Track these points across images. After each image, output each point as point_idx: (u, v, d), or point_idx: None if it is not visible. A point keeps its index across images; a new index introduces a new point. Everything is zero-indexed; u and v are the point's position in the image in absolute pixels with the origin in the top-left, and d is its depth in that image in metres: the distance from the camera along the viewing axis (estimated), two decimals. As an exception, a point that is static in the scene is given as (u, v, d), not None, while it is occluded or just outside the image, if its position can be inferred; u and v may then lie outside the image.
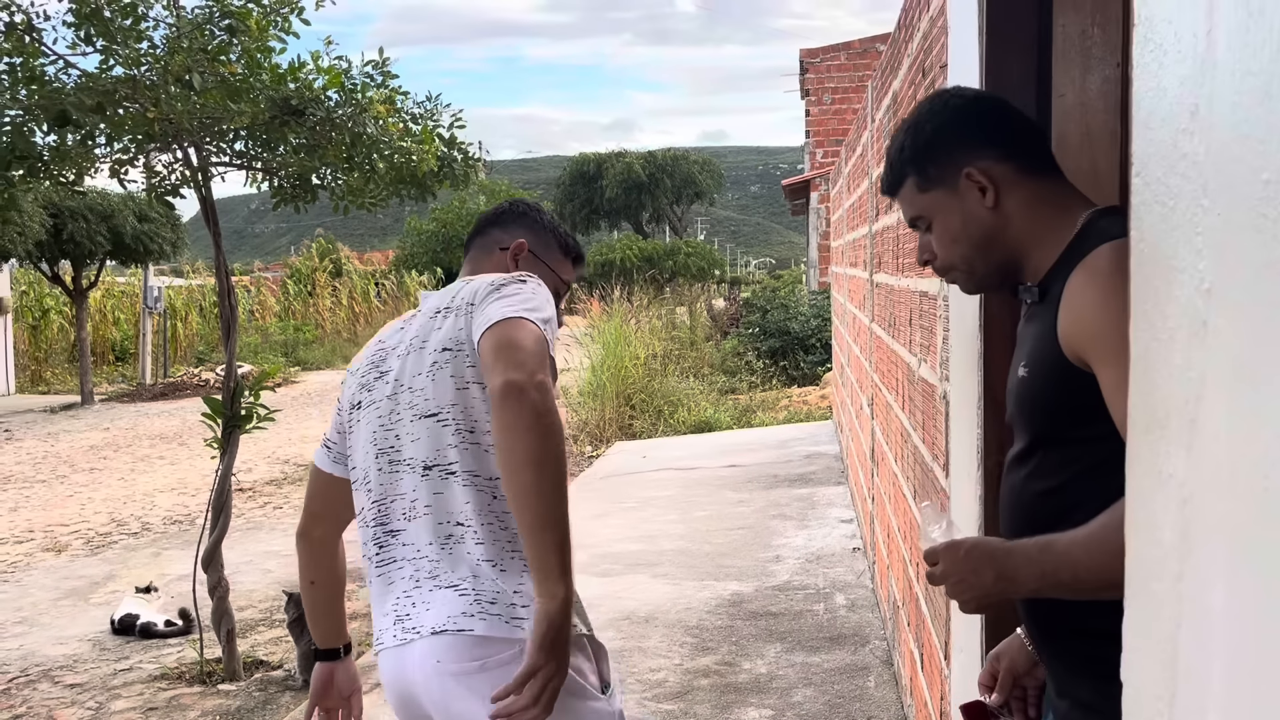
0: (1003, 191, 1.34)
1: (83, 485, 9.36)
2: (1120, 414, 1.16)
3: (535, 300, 1.64)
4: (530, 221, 1.98)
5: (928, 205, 1.40)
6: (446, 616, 1.57)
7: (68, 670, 4.66)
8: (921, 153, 1.39)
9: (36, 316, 21.17)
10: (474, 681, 1.54)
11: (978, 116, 1.39)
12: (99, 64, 3.84)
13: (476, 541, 1.60)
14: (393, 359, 1.76)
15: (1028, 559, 1.22)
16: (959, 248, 1.38)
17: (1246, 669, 0.64)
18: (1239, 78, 0.64)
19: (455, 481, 1.62)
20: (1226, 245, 0.66)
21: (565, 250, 2.01)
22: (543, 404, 1.48)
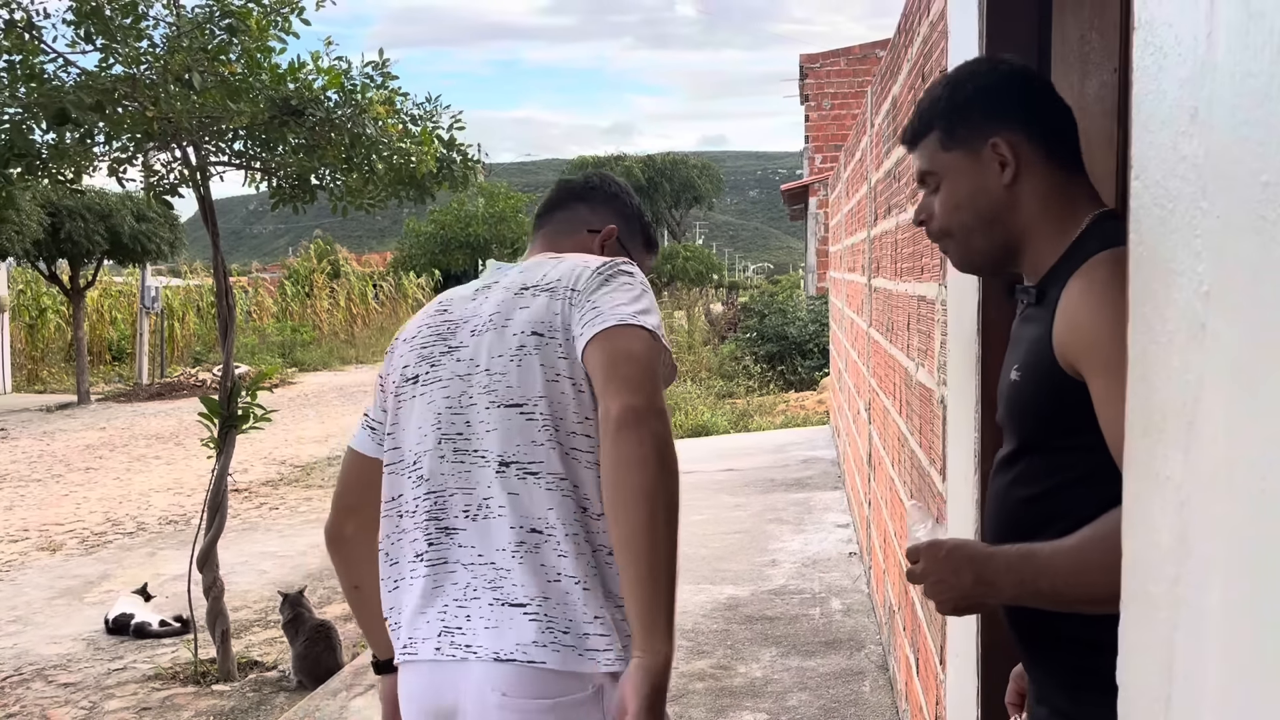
0: (1023, 172, 1.29)
1: (78, 485, 9.35)
2: (1109, 426, 1.15)
3: (646, 299, 1.50)
4: (621, 205, 1.83)
5: (944, 164, 1.34)
6: (515, 643, 1.39)
7: (61, 669, 4.65)
8: (955, 110, 1.33)
9: (33, 315, 21.15)
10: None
11: (1022, 89, 1.33)
12: (98, 62, 3.85)
13: (559, 554, 1.41)
14: (464, 332, 1.55)
15: (1008, 566, 1.21)
16: (961, 215, 1.34)
17: (1243, 673, 0.64)
18: (1239, 80, 0.64)
19: (537, 484, 1.43)
20: (1226, 248, 0.66)
21: (649, 243, 1.88)
22: (664, 436, 1.35)
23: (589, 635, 1.39)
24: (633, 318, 1.43)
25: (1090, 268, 1.19)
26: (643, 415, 1.34)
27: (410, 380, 1.58)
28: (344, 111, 4.18)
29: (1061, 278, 1.23)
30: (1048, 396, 1.24)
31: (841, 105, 15.80)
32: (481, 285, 1.64)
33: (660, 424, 1.35)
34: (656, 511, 1.32)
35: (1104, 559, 1.13)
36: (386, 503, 1.57)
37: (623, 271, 1.53)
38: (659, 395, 1.38)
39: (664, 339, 1.47)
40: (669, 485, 1.34)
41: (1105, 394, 1.15)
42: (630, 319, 1.43)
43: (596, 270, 1.52)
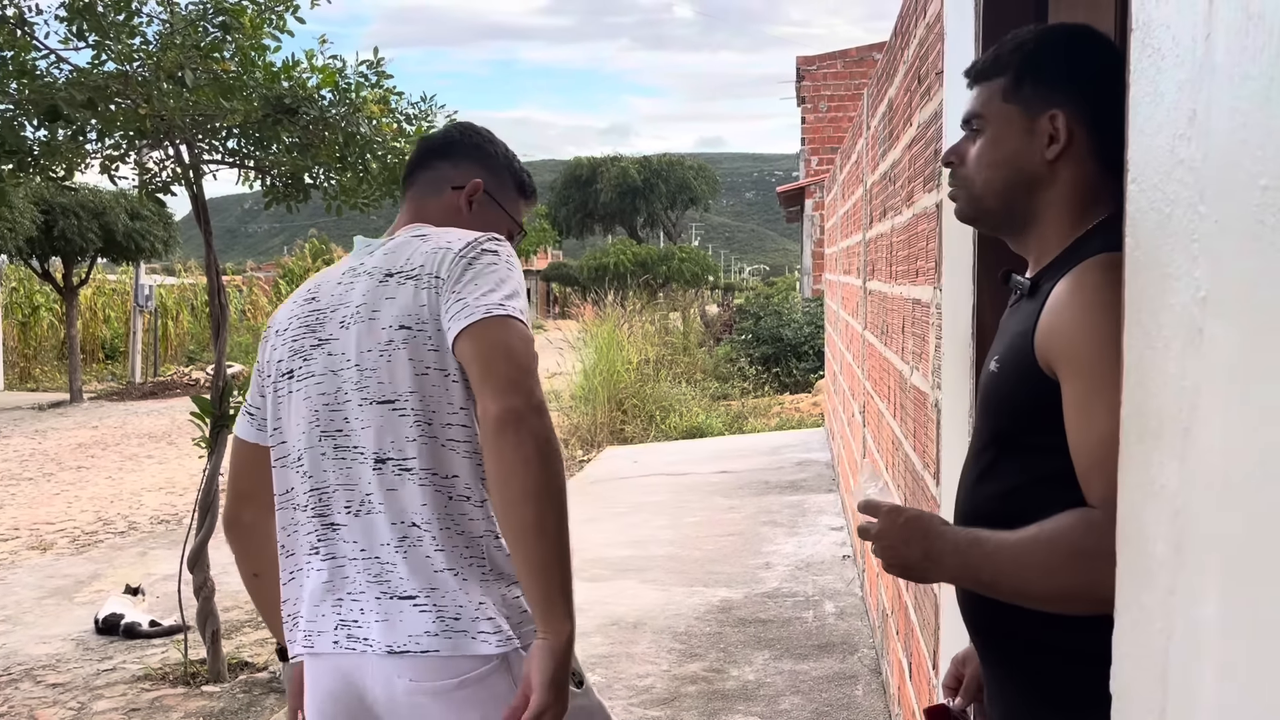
0: (1068, 154, 1.25)
1: (70, 483, 9.31)
2: (1076, 431, 1.15)
3: (513, 280, 1.50)
4: (484, 155, 1.76)
5: (997, 114, 1.29)
6: (407, 635, 1.45)
7: (50, 670, 4.62)
8: (1033, 65, 1.27)
9: (26, 313, 21.09)
10: (454, 699, 1.45)
11: (1102, 72, 1.24)
12: (91, 59, 3.82)
13: (436, 548, 1.46)
14: (332, 324, 1.57)
15: (955, 548, 1.22)
16: (991, 172, 1.29)
17: (1239, 684, 0.63)
18: (1238, 82, 0.63)
19: (411, 479, 1.47)
20: (1223, 252, 0.65)
21: (520, 188, 1.80)
22: (543, 432, 1.37)
23: (478, 620, 1.44)
24: (499, 307, 1.43)
25: (1083, 269, 1.17)
26: (522, 415, 1.36)
27: (286, 375, 1.60)
28: (338, 110, 4.16)
29: (1057, 273, 1.21)
30: (1023, 392, 1.23)
31: (838, 107, 15.82)
32: (349, 268, 1.63)
33: (539, 420, 1.38)
34: (544, 509, 1.36)
35: (1044, 560, 1.13)
36: (279, 495, 1.61)
37: (485, 251, 1.52)
38: (536, 389, 1.40)
39: (528, 324, 1.47)
40: (552, 481, 1.37)
41: (1075, 399, 1.14)
42: (496, 309, 1.43)
43: (459, 254, 1.51)
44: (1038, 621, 1.19)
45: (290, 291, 31.26)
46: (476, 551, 1.47)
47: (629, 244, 35.71)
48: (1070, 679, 1.20)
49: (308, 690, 1.58)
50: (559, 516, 1.37)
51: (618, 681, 3.95)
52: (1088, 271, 1.17)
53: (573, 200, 46.10)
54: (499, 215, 1.75)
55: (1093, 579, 1.06)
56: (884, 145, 3.78)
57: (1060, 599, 1.14)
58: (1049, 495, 1.16)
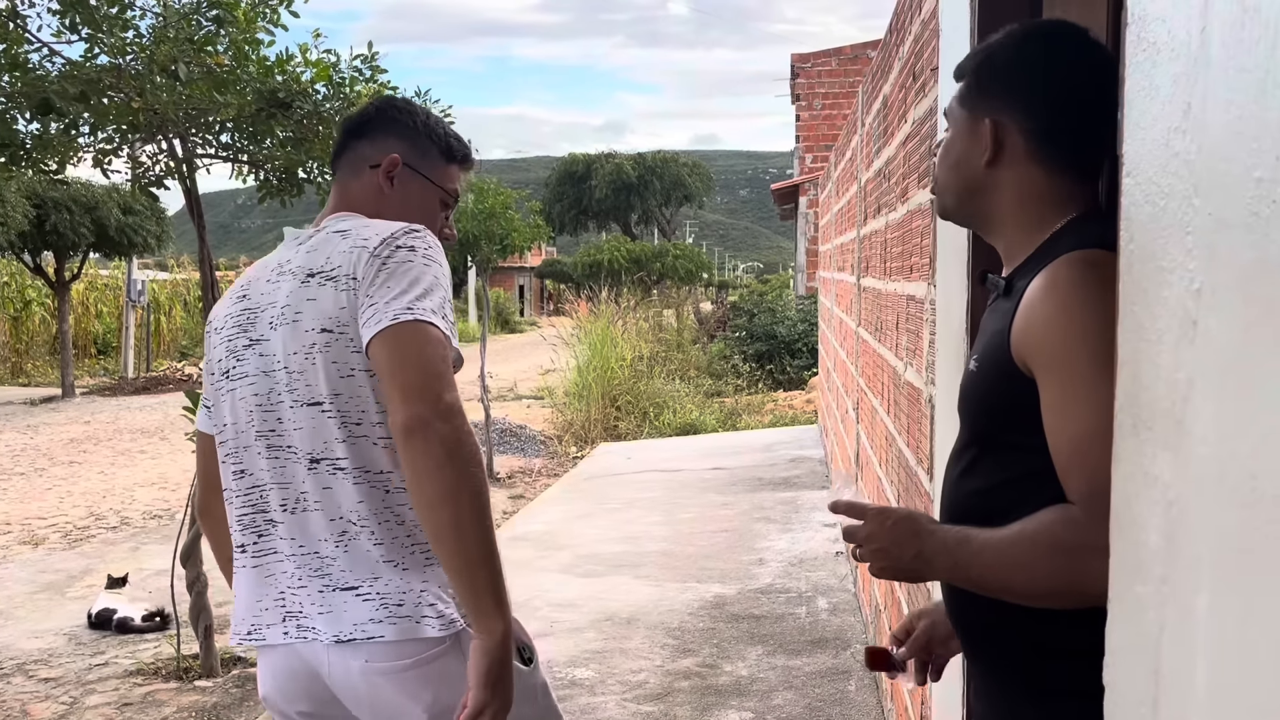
0: (1003, 160, 1.27)
1: (61, 478, 9.28)
2: (1053, 429, 1.15)
3: (427, 278, 1.49)
4: (401, 127, 1.71)
5: (954, 116, 1.34)
6: (352, 624, 1.49)
7: (42, 664, 4.61)
8: (980, 72, 1.31)
9: (18, 308, 20.99)
10: (407, 679, 1.49)
11: (1051, 76, 1.26)
12: (84, 52, 3.81)
13: (375, 541, 1.50)
14: (262, 324, 1.58)
15: (945, 547, 1.22)
16: (947, 173, 1.34)
17: (1232, 675, 0.63)
18: (1233, 75, 0.63)
19: (345, 478, 1.50)
20: (1218, 244, 0.65)
21: (447, 154, 1.74)
22: (452, 435, 1.38)
23: (420, 605, 1.48)
24: (407, 311, 1.43)
25: (1056, 267, 1.17)
26: (426, 421, 1.38)
27: (224, 375, 1.63)
28: (332, 105, 4.16)
29: (1030, 272, 1.22)
30: (1001, 391, 1.23)
31: (832, 105, 15.82)
32: (277, 264, 1.64)
33: (445, 424, 1.38)
34: (459, 511, 1.38)
35: (1026, 557, 1.14)
36: (225, 490, 1.65)
37: (399, 249, 1.51)
38: (442, 394, 1.40)
39: (444, 323, 1.46)
40: (466, 482, 1.38)
41: (1052, 396, 1.15)
42: (404, 314, 1.43)
43: (373, 253, 1.51)
44: (1021, 617, 1.20)
45: (283, 287, 31.15)
46: (417, 539, 1.50)
47: (623, 241, 35.68)
48: (1054, 674, 1.20)
49: (264, 673, 1.63)
50: (476, 517, 1.39)
51: (611, 677, 3.95)
52: (1060, 269, 1.17)
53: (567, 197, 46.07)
54: (423, 186, 1.70)
55: (1073, 574, 1.07)
56: (879, 142, 3.79)
57: (1042, 594, 1.15)
58: (1029, 492, 1.17)
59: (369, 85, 4.27)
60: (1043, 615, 1.17)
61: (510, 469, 9.46)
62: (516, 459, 10.07)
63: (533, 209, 9.24)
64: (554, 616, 4.68)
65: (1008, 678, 1.28)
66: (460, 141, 1.78)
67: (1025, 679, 1.25)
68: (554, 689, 1.64)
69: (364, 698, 1.52)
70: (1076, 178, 1.27)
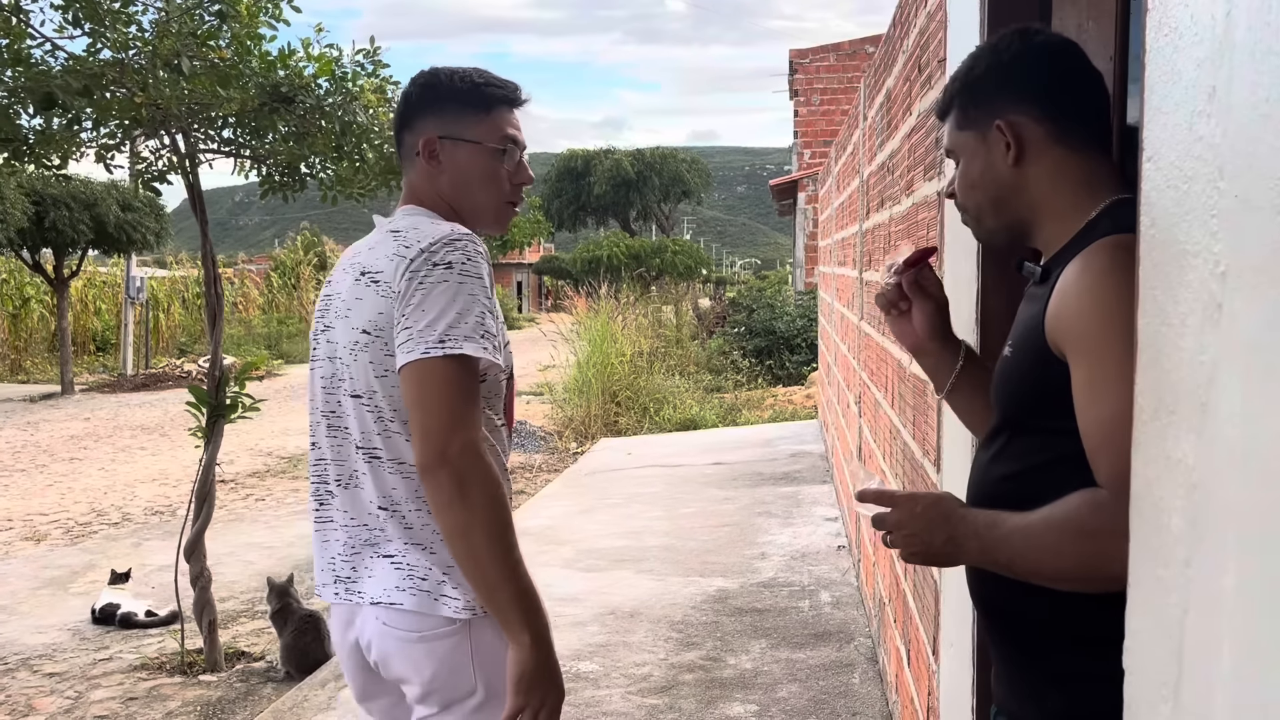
0: (1028, 154, 1.28)
1: (62, 475, 9.28)
2: (1084, 412, 1.16)
3: (463, 297, 1.51)
4: (428, 104, 1.69)
5: (959, 143, 1.36)
6: (383, 588, 1.60)
7: (47, 659, 4.61)
8: (968, 89, 1.34)
9: (17, 305, 20.96)
10: (412, 651, 1.58)
11: (1036, 66, 1.30)
12: (87, 47, 3.80)
13: (407, 525, 1.60)
14: (332, 313, 1.68)
15: (974, 531, 1.23)
16: (975, 195, 1.35)
17: (1258, 656, 0.64)
18: (1259, 58, 0.63)
19: (381, 466, 1.60)
20: (1244, 227, 0.66)
21: (481, 105, 1.67)
22: (459, 475, 1.46)
23: (443, 584, 1.58)
24: (438, 345, 1.48)
25: (1091, 251, 1.19)
26: (436, 466, 1.47)
27: (312, 351, 1.75)
28: (334, 99, 4.15)
29: (1067, 258, 1.23)
30: (1034, 376, 1.24)
31: (831, 101, 15.81)
32: (354, 252, 1.72)
33: (453, 467, 1.46)
34: (470, 544, 1.48)
35: (1054, 541, 1.15)
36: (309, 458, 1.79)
37: (437, 266, 1.52)
38: (452, 438, 1.47)
39: (479, 344, 1.50)
40: (476, 516, 1.47)
41: (1083, 379, 1.16)
42: (434, 348, 1.48)
43: (411, 268, 1.53)
44: (1045, 601, 1.20)
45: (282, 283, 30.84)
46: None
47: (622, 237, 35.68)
48: (1077, 658, 1.21)
49: (332, 627, 1.77)
50: (488, 545, 1.48)
51: (615, 670, 3.96)
52: (1095, 253, 1.18)
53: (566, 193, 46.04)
54: (470, 150, 1.67)
55: (1100, 558, 1.07)
56: (882, 135, 3.79)
57: (1071, 578, 1.15)
58: (1061, 477, 1.17)
59: (371, 80, 4.26)
60: (1067, 599, 1.18)
61: (511, 464, 9.45)
62: (517, 454, 10.07)
63: (532, 204, 9.23)
64: (557, 611, 4.69)
65: (1030, 661, 1.28)
66: (494, 85, 1.71)
67: (1048, 662, 1.25)
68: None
69: (377, 658, 1.63)
70: (1098, 152, 1.30)
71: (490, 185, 1.68)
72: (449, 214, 1.68)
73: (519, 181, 1.72)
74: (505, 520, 1.50)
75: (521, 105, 1.74)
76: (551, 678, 1.52)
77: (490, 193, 1.69)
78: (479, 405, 1.52)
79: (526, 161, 1.75)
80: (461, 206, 1.69)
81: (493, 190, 1.69)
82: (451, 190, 1.68)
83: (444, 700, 1.59)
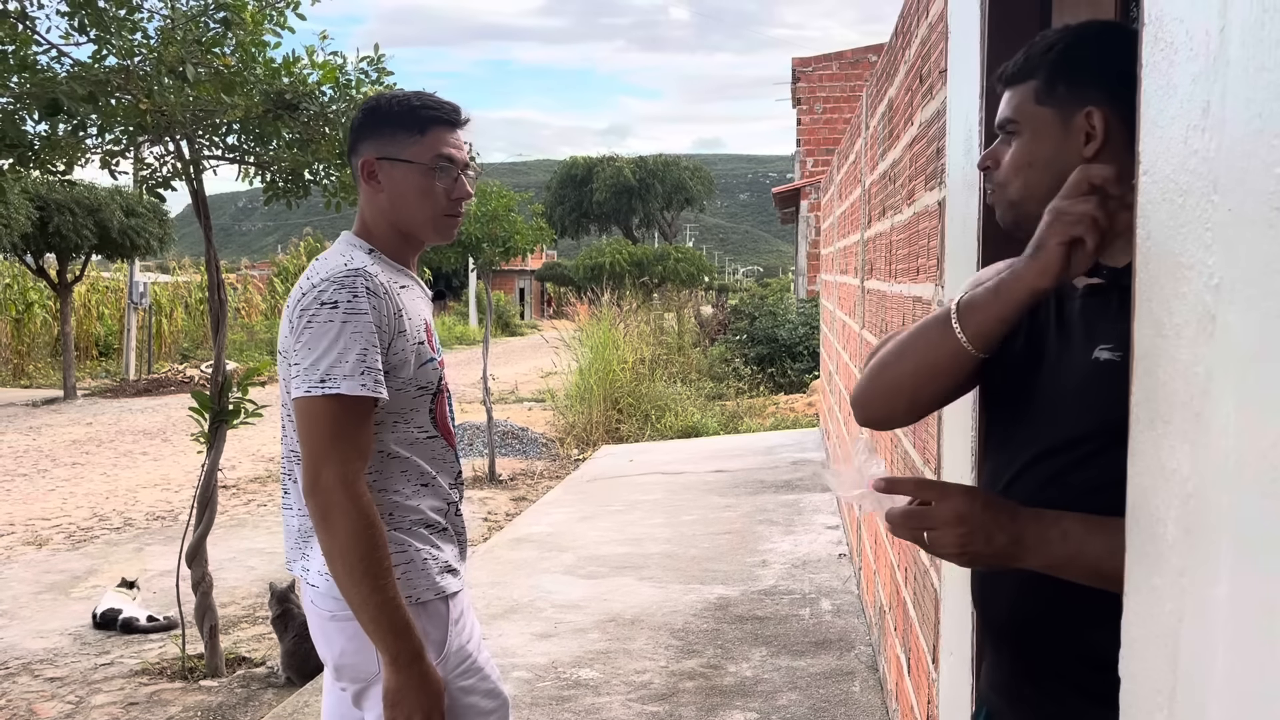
0: (1106, 151, 1.23)
1: (64, 480, 9.29)
2: None
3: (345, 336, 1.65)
4: (370, 127, 1.79)
5: (1030, 117, 1.27)
6: (315, 569, 1.78)
7: (48, 664, 4.62)
8: (1065, 65, 1.25)
9: (20, 310, 21.00)
10: (327, 628, 1.78)
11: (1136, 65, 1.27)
12: (92, 54, 3.82)
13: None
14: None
15: (1063, 533, 1.13)
16: (1028, 175, 1.27)
17: (1250, 664, 0.64)
18: (1252, 74, 0.64)
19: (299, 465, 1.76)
20: (1237, 240, 0.66)
21: (414, 126, 1.76)
22: (321, 506, 1.64)
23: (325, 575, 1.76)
24: (319, 385, 1.65)
25: None
26: (307, 491, 1.67)
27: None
28: (339, 106, 4.17)
29: None
30: None
31: (833, 109, 15.84)
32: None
33: (317, 498, 1.64)
34: (334, 568, 1.66)
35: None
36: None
37: (324, 305, 1.67)
38: (323, 468, 1.64)
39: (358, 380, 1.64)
40: (338, 544, 1.63)
41: None
42: (315, 388, 1.65)
43: (301, 305, 1.70)
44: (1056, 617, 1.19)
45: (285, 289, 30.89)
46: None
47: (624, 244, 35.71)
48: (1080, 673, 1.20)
49: None
50: (349, 573, 1.63)
51: (616, 677, 3.96)
52: None
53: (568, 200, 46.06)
54: (405, 170, 1.77)
55: None
56: (884, 144, 3.80)
57: None
58: None
59: (375, 87, 4.28)
60: (1077, 613, 1.17)
61: (512, 471, 9.47)
62: (518, 461, 10.07)
63: (535, 211, 9.25)
64: (558, 618, 4.69)
65: (1030, 670, 1.28)
66: (430, 107, 1.79)
67: (1050, 672, 1.24)
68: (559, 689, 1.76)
69: (311, 631, 1.85)
70: None
71: (425, 201, 1.79)
72: (390, 231, 1.81)
73: (457, 197, 1.82)
74: (366, 549, 1.63)
75: (463, 125, 1.84)
76: (421, 691, 1.66)
77: (425, 208, 1.80)
78: (358, 439, 1.66)
79: (469, 177, 1.85)
80: (400, 222, 1.81)
81: (427, 206, 1.79)
82: (390, 208, 1.80)
83: (352, 678, 1.77)
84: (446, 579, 1.80)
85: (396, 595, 1.65)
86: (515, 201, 8.47)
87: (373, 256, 1.78)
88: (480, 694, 1.82)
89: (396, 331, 1.71)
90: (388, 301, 1.70)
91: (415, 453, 1.78)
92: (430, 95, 1.84)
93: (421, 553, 1.77)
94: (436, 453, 1.82)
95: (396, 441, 1.76)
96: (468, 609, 1.88)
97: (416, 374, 1.75)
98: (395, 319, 1.71)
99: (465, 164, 1.83)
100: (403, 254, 1.84)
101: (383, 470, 1.75)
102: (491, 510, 7.93)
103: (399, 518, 1.77)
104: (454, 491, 1.86)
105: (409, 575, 1.75)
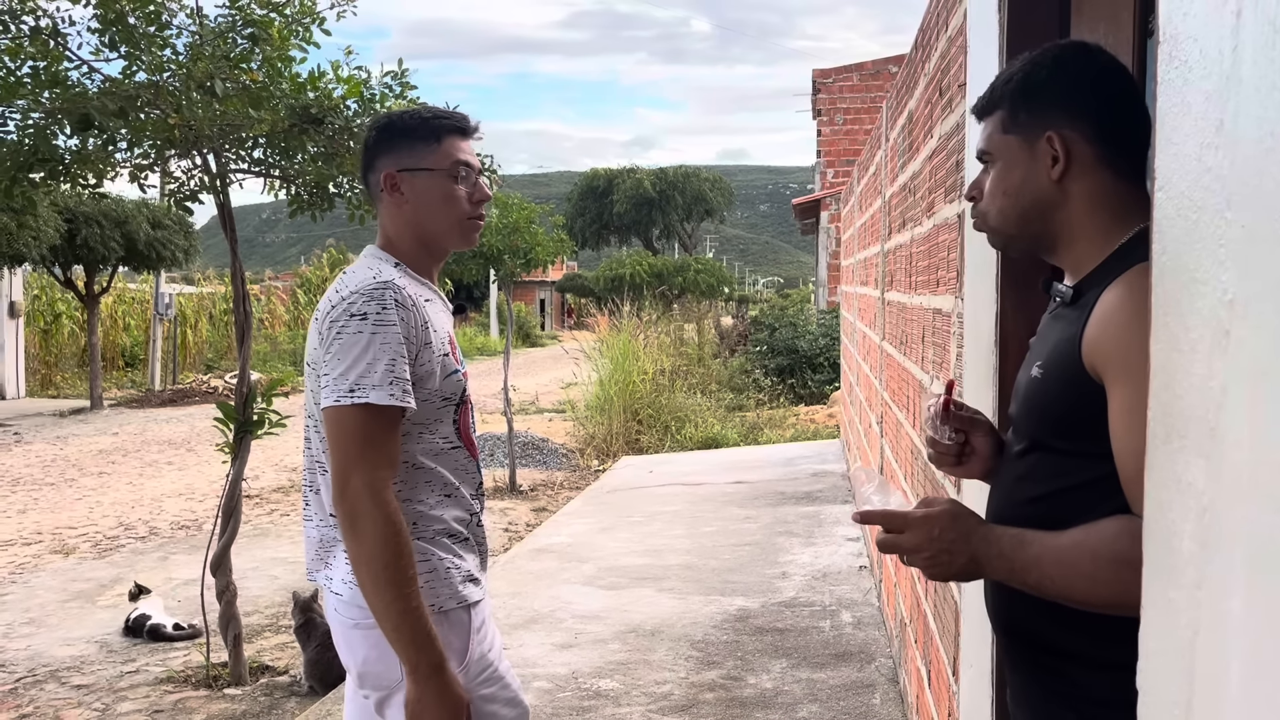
0: (1073, 171, 1.27)
1: (91, 489, 9.39)
2: (1121, 437, 1.15)
3: (375, 347, 1.68)
4: (385, 142, 1.83)
5: (1000, 146, 1.33)
6: (338, 578, 1.80)
7: (74, 671, 4.67)
8: (1023, 93, 1.31)
9: (48, 321, 21.26)
10: (350, 635, 1.79)
11: (1095, 84, 1.28)
12: (122, 70, 3.89)
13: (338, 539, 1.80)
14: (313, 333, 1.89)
15: (1000, 551, 1.23)
16: (1005, 201, 1.33)
17: (1266, 677, 0.65)
18: (1265, 93, 0.65)
19: (325, 477, 1.80)
20: (1250, 256, 0.67)
21: (430, 136, 1.81)
22: (350, 513, 1.67)
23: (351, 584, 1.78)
24: (348, 395, 1.67)
25: (1132, 275, 1.18)
26: (335, 500, 1.70)
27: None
28: (363, 120, 4.21)
29: (1101, 281, 1.22)
30: (1067, 398, 1.24)
31: (854, 120, 15.84)
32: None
33: (345, 505, 1.67)
34: (360, 575, 1.68)
35: (1089, 568, 1.15)
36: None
37: (353, 317, 1.70)
38: (351, 476, 1.67)
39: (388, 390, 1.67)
40: (365, 551, 1.66)
41: (1122, 404, 1.15)
42: (344, 398, 1.67)
43: (330, 317, 1.73)
44: (1064, 626, 1.21)
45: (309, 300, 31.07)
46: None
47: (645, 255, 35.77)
48: (1097, 684, 1.21)
49: None
50: (374, 581, 1.66)
51: (636, 688, 3.96)
52: (1138, 277, 1.16)
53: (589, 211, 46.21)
54: (426, 179, 1.81)
55: (1136, 586, 1.07)
56: (904, 157, 3.80)
57: (1103, 604, 1.15)
58: (1090, 500, 1.17)
59: (399, 101, 4.33)
60: (1087, 627, 1.18)
61: (533, 481, 9.49)
62: (539, 472, 10.10)
63: (556, 223, 9.30)
64: (578, 628, 4.70)
65: (1049, 686, 1.29)
66: (442, 117, 1.85)
67: (1067, 689, 1.25)
68: (580, 700, 1.78)
69: (334, 639, 1.86)
70: (1138, 181, 1.29)
71: (450, 206, 1.83)
72: (414, 244, 1.84)
73: (478, 199, 1.86)
74: (391, 557, 1.65)
75: (473, 134, 1.88)
76: (442, 702, 1.68)
77: (451, 212, 1.84)
78: (386, 448, 1.69)
79: (485, 181, 1.89)
80: (426, 230, 1.84)
81: (453, 211, 1.83)
82: (416, 217, 1.82)
83: (375, 685, 1.78)
84: (469, 588, 1.82)
85: (420, 605, 1.67)
86: (536, 213, 8.52)
87: (399, 269, 1.81)
88: (501, 702, 1.84)
89: (423, 343, 1.74)
90: (415, 313, 1.73)
91: (440, 463, 1.81)
92: (440, 108, 1.93)
93: (445, 562, 1.80)
94: (460, 463, 1.84)
95: (422, 452, 1.79)
96: (489, 618, 1.90)
97: (442, 385, 1.79)
98: (422, 330, 1.74)
99: (480, 169, 1.89)
100: (426, 267, 1.88)
101: (408, 480, 1.78)
102: (512, 521, 7.95)
103: (423, 527, 1.79)
104: (476, 502, 1.89)
105: (432, 584, 1.77)
